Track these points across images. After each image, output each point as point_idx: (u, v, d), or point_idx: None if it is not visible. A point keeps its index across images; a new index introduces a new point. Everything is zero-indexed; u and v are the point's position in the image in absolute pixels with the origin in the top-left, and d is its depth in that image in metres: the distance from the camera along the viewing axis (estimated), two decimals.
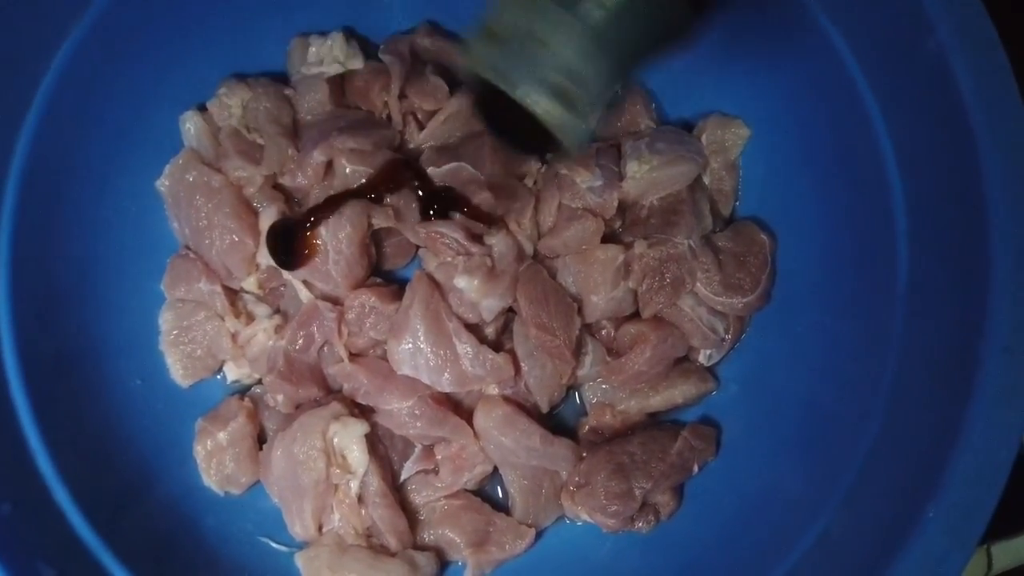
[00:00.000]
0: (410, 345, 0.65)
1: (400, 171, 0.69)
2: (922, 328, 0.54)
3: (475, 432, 0.66)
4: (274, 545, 0.68)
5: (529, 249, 0.69)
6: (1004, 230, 0.48)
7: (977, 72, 0.50)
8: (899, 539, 0.47)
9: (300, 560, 0.65)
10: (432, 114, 0.72)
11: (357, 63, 0.71)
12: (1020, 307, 0.47)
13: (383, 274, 0.72)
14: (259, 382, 0.71)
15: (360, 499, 0.65)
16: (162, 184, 0.70)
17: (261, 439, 0.69)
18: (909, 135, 0.56)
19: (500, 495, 0.70)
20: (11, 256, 0.61)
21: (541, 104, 0.41)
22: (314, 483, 0.64)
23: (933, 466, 0.48)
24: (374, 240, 0.69)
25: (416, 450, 0.68)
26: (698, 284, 0.68)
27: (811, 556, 0.55)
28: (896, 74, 0.55)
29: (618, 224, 0.71)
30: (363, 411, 0.67)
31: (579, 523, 0.69)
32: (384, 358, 0.67)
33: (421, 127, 0.73)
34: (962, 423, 0.47)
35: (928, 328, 0.53)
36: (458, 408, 0.68)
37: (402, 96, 0.71)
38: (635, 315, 0.70)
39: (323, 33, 0.72)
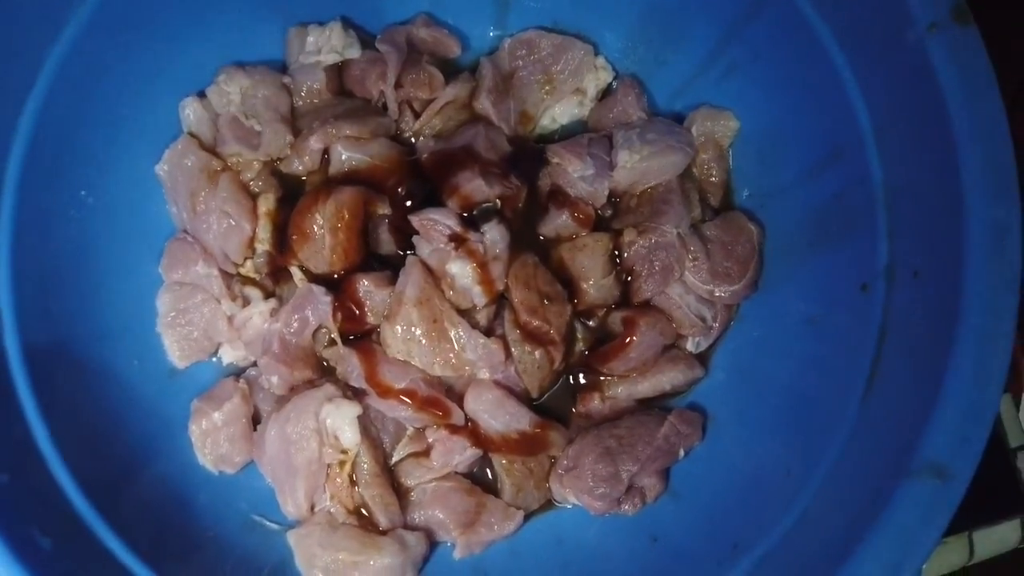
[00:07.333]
0: (402, 329, 0.66)
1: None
2: (901, 315, 0.55)
3: (465, 415, 0.67)
4: (267, 523, 0.69)
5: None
6: (980, 217, 0.49)
7: (959, 64, 0.52)
8: (874, 516, 0.48)
9: (292, 538, 0.66)
10: (428, 103, 0.74)
11: (354, 52, 0.73)
12: (994, 292, 0.48)
13: (377, 259, 0.73)
14: (254, 364, 0.72)
15: (352, 479, 0.66)
16: (161, 169, 0.71)
17: (255, 420, 0.70)
18: (890, 124, 0.57)
19: (490, 477, 0.71)
20: (12, 237, 0.62)
21: None
22: (307, 463, 0.65)
23: (909, 447, 0.49)
24: (368, 226, 0.70)
25: (408, 432, 0.70)
26: (686, 272, 0.69)
27: (791, 535, 0.56)
28: (878, 64, 0.57)
29: (608, 212, 0.73)
30: (356, 393, 0.68)
31: (567, 505, 0.70)
32: (378, 342, 0.68)
33: (417, 115, 0.74)
34: (937, 405, 0.48)
35: (906, 314, 0.54)
36: (449, 392, 0.68)
37: (398, 85, 0.72)
38: (624, 302, 0.71)
39: (321, 22, 0.73)
